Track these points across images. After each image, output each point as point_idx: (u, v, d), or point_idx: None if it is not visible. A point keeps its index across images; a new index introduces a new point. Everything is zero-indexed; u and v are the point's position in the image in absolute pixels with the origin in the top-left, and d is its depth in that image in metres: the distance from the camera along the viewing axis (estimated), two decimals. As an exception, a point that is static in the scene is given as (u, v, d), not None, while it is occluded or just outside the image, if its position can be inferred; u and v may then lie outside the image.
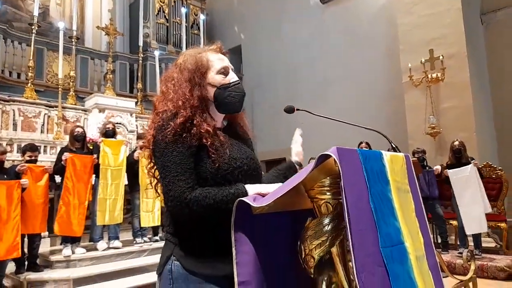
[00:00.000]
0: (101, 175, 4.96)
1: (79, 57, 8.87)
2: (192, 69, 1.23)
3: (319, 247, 0.97)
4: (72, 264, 4.56)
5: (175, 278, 1.13)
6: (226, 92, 1.24)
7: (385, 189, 0.96)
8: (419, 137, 6.59)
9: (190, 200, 1.07)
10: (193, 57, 1.27)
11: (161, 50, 9.78)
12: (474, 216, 4.98)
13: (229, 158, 1.17)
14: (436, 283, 1.01)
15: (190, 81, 1.22)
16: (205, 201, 1.07)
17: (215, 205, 1.07)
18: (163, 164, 1.12)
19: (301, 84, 9.32)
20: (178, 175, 1.09)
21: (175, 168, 1.10)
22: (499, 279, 4.63)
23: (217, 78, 1.25)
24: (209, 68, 1.25)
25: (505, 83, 6.97)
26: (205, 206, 1.07)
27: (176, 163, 1.10)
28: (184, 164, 1.10)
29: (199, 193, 1.08)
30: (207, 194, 1.08)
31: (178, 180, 1.09)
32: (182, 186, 1.08)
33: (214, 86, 1.24)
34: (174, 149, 1.11)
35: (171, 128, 1.12)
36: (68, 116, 6.78)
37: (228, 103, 1.25)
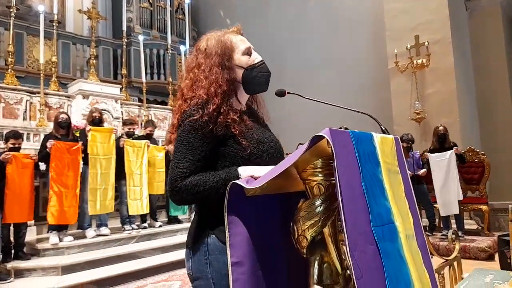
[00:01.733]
0: (91, 164, 4.90)
1: (61, 42, 8.64)
2: (220, 53, 1.25)
3: (311, 228, 0.99)
4: (60, 252, 4.53)
5: (211, 250, 1.14)
6: (254, 73, 1.27)
7: (376, 170, 0.98)
8: (404, 123, 6.67)
9: (180, 188, 1.10)
10: (218, 40, 1.28)
11: (145, 35, 9.59)
12: (448, 199, 5.19)
13: (257, 142, 1.20)
14: (424, 261, 1.04)
15: (220, 65, 1.24)
16: (195, 189, 1.09)
17: (205, 192, 1.09)
18: (174, 150, 1.18)
19: (286, 69, 9.28)
20: (179, 162, 1.13)
21: (179, 155, 1.14)
22: (480, 259, 4.80)
23: (243, 59, 1.27)
24: (233, 50, 1.27)
25: (488, 69, 7.07)
26: (195, 194, 1.10)
27: (181, 152, 1.14)
28: (189, 154, 1.13)
29: (189, 181, 1.10)
30: (198, 181, 1.10)
31: (176, 167, 1.13)
32: (177, 174, 1.12)
33: (241, 67, 1.27)
34: (186, 138, 1.15)
35: (199, 116, 1.15)
36: (51, 103, 6.63)
37: (256, 83, 1.27)
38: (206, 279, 1.15)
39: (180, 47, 9.05)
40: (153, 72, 9.87)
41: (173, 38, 9.73)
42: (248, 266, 1.02)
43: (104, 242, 4.92)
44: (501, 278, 1.67)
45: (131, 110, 7.71)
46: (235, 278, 0.99)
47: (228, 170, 1.13)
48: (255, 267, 1.04)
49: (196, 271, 1.18)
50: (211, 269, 1.14)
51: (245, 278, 1.00)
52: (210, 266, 1.14)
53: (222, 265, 1.10)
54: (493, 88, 6.99)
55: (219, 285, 1.12)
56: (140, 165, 5.38)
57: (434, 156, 5.39)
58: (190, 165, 1.12)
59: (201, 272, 1.16)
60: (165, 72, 9.86)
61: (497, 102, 6.95)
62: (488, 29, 7.14)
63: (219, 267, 1.12)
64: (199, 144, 1.14)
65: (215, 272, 1.13)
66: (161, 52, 9.95)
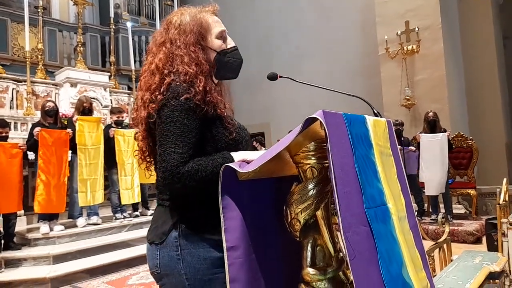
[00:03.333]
0: (79, 155, 4.84)
1: (46, 29, 8.46)
2: (196, 31, 1.17)
3: (304, 211, 0.99)
4: (51, 241, 4.51)
5: (183, 245, 1.09)
6: (226, 58, 1.21)
7: (369, 152, 0.98)
8: (394, 109, 6.71)
9: (183, 174, 1.02)
10: (193, 17, 1.20)
11: (133, 22, 9.43)
12: (436, 180, 5.26)
13: (238, 127, 1.18)
14: (416, 242, 1.06)
15: (198, 44, 1.17)
16: (198, 174, 1.03)
17: (207, 177, 1.03)
18: (163, 132, 1.06)
19: (274, 55, 9.24)
20: (176, 147, 1.04)
21: (175, 139, 1.04)
22: (468, 243, 4.90)
23: (216, 43, 1.20)
24: (208, 31, 1.20)
25: (477, 55, 7.12)
26: (198, 180, 1.03)
27: (176, 135, 1.05)
28: (185, 137, 1.05)
29: (191, 166, 1.03)
30: (199, 167, 1.03)
31: (174, 152, 1.04)
32: (177, 159, 1.03)
33: (214, 50, 1.20)
34: (180, 119, 1.06)
35: (194, 93, 1.08)
36: (38, 91, 6.51)
37: (227, 69, 1.22)
38: (178, 275, 1.08)
39: (169, 34, 8.90)
40: (142, 60, 9.72)
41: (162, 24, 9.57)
42: (243, 250, 1.01)
43: (95, 231, 4.91)
44: (490, 259, 1.70)
45: (120, 98, 7.63)
46: (230, 263, 0.99)
47: (222, 155, 1.08)
48: (249, 251, 1.04)
49: (165, 268, 1.10)
50: (184, 265, 1.07)
51: (240, 262, 1.00)
52: (183, 262, 1.08)
53: (196, 259, 1.07)
54: (482, 73, 7.06)
55: (193, 280, 1.07)
56: (131, 154, 5.34)
57: (426, 136, 5.46)
58: (189, 149, 1.05)
59: (172, 269, 1.09)
60: (154, 60, 9.72)
61: (485, 87, 7.02)
62: (477, 15, 7.17)
63: (193, 262, 1.07)
64: (193, 126, 1.07)
65: (189, 267, 1.07)
66: (150, 39, 9.78)
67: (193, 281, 1.07)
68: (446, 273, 1.55)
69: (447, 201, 5.47)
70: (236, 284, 0.98)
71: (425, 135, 5.47)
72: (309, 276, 0.99)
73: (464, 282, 1.39)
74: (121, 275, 4.16)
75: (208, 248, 1.08)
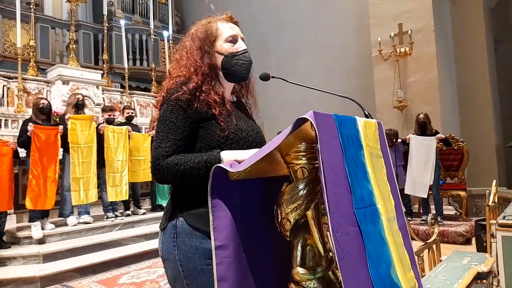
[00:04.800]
0: (71, 153, 4.80)
1: (39, 25, 8.38)
2: (202, 37, 1.30)
3: (294, 211, 0.99)
4: (41, 240, 4.46)
5: (179, 233, 1.18)
6: (234, 60, 1.29)
7: (359, 153, 0.99)
8: (387, 111, 6.75)
9: (162, 167, 1.13)
10: (203, 26, 1.32)
11: (127, 19, 9.37)
12: (421, 182, 5.30)
13: (235, 127, 1.23)
14: (405, 242, 1.07)
15: (201, 49, 1.28)
16: (175, 167, 1.12)
17: (185, 172, 1.12)
18: (156, 129, 1.21)
19: (270, 55, 9.24)
20: (161, 141, 1.16)
21: (162, 135, 1.17)
22: (458, 244, 4.95)
23: (225, 47, 1.30)
24: (217, 36, 1.30)
25: (468, 58, 7.19)
26: (175, 173, 1.13)
27: (164, 131, 1.17)
28: (170, 134, 1.16)
29: (171, 160, 1.13)
30: (179, 161, 1.13)
31: (159, 146, 1.16)
32: (160, 153, 1.15)
33: (222, 54, 1.29)
34: (169, 117, 1.17)
35: (183, 92, 1.19)
36: (30, 88, 6.45)
37: (235, 70, 1.29)
38: (174, 261, 1.18)
39: (163, 33, 8.88)
40: (135, 58, 9.69)
41: (155, 23, 9.53)
42: (232, 250, 1.02)
43: (86, 230, 4.88)
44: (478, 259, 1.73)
45: (113, 96, 7.58)
46: (218, 262, 0.99)
47: (210, 153, 1.15)
48: (238, 250, 1.04)
49: (165, 253, 1.21)
50: (178, 251, 1.17)
51: (228, 262, 1.01)
52: (177, 248, 1.17)
53: (188, 248, 1.16)
54: (473, 76, 7.13)
55: (186, 266, 1.16)
56: (121, 151, 5.31)
57: (415, 138, 5.49)
58: (172, 144, 1.15)
59: (169, 253, 1.19)
60: (148, 58, 9.69)
61: (477, 90, 7.09)
62: (469, 19, 7.24)
63: (185, 250, 1.16)
64: (181, 124, 1.17)
65: (182, 255, 1.16)
66: (144, 37, 9.76)
67: (186, 268, 1.16)
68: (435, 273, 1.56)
69: (437, 202, 5.52)
70: (224, 283, 0.99)
71: (415, 137, 5.51)
72: (299, 276, 1.00)
73: (452, 282, 1.41)
74: (112, 274, 4.13)
75: (201, 239, 1.15)
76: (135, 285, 3.75)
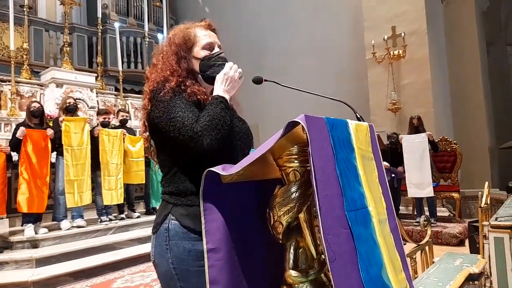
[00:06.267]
0: (65, 155, 4.78)
1: (32, 28, 8.33)
2: (178, 43, 1.31)
3: (287, 214, 0.99)
4: (34, 244, 4.42)
5: (172, 236, 1.17)
6: (210, 62, 1.31)
7: (350, 156, 0.99)
8: (381, 113, 6.79)
9: (202, 128, 1.11)
10: (181, 31, 1.34)
11: (121, 22, 9.35)
12: (422, 181, 5.32)
13: None
14: (396, 244, 1.07)
15: (176, 54, 1.30)
16: (213, 122, 1.12)
17: (219, 122, 1.13)
18: (169, 115, 1.16)
19: (264, 58, 9.26)
20: (183, 119, 1.14)
21: (181, 109, 1.15)
22: (451, 245, 4.98)
23: (201, 53, 1.32)
24: (195, 43, 1.32)
25: (461, 60, 7.26)
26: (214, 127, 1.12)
27: (181, 107, 1.16)
28: (184, 110, 1.16)
29: (202, 119, 1.13)
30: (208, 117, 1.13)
31: (185, 118, 1.14)
32: (189, 124, 1.13)
33: (198, 59, 1.31)
34: (176, 102, 1.17)
35: (168, 89, 1.20)
36: (23, 91, 6.41)
37: (213, 72, 1.29)
38: (167, 264, 1.17)
39: (158, 35, 8.87)
40: (130, 61, 9.65)
41: (150, 26, 9.52)
42: (224, 253, 1.02)
43: (80, 234, 4.84)
44: (470, 261, 1.74)
45: (107, 99, 7.55)
46: (210, 264, 0.99)
47: (215, 100, 1.19)
48: (231, 253, 1.04)
49: (158, 257, 1.20)
50: (171, 254, 1.16)
51: (221, 264, 1.01)
52: (170, 251, 1.16)
53: (182, 250, 1.15)
54: (466, 79, 7.20)
55: (179, 269, 1.15)
56: (116, 154, 5.29)
57: (407, 138, 5.53)
58: (194, 114, 1.15)
59: (162, 257, 1.18)
60: (143, 61, 9.66)
61: (469, 92, 7.16)
62: (462, 22, 7.31)
63: (179, 253, 1.15)
64: (186, 102, 1.19)
65: (175, 257, 1.16)
66: (138, 40, 9.73)
67: (180, 271, 1.15)
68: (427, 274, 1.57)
69: (431, 204, 5.55)
70: (216, 286, 0.99)
71: (406, 137, 5.56)
72: (291, 278, 1.00)
73: (444, 284, 1.41)
74: (105, 279, 4.11)
75: (193, 241, 1.14)
76: (129, 289, 3.73)
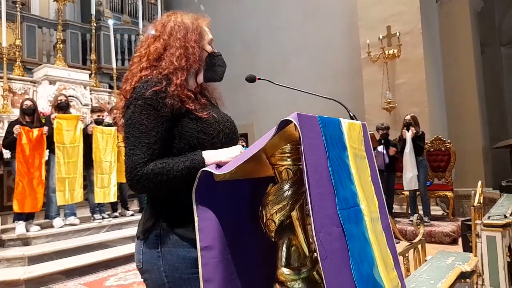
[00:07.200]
0: (57, 153, 4.75)
1: (25, 25, 8.26)
2: (195, 29, 1.25)
3: (279, 212, 0.99)
4: (26, 242, 4.39)
5: (164, 243, 1.11)
6: (214, 60, 1.29)
7: (343, 154, 0.99)
8: (375, 112, 6.81)
9: (141, 177, 1.04)
10: (194, 20, 1.27)
11: (115, 19, 9.30)
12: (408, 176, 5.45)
13: (213, 120, 1.18)
14: (388, 242, 1.08)
15: (197, 41, 1.24)
16: (157, 178, 1.03)
17: (169, 182, 1.04)
18: (125, 135, 1.11)
19: (259, 57, 9.26)
20: (135, 148, 1.06)
21: (133, 140, 1.07)
22: (444, 244, 5.02)
23: (208, 47, 1.29)
24: (204, 35, 1.29)
25: (456, 61, 7.30)
26: (157, 183, 1.04)
27: (135, 136, 1.07)
28: (143, 137, 1.06)
29: (151, 168, 1.04)
30: (160, 170, 1.04)
31: (133, 154, 1.06)
32: (135, 161, 1.05)
33: (206, 51, 1.28)
34: (138, 120, 1.07)
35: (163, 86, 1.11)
36: (15, 88, 6.35)
37: (214, 70, 1.29)
38: (158, 272, 1.10)
39: (152, 33, 8.80)
40: (124, 58, 9.60)
41: (145, 23, 9.43)
42: (218, 251, 1.02)
43: (73, 232, 4.82)
44: (462, 259, 1.75)
45: (100, 97, 7.50)
46: (204, 263, 0.99)
47: (192, 157, 1.07)
48: (224, 251, 1.04)
49: (147, 264, 1.13)
50: (163, 262, 1.10)
51: (214, 263, 1.00)
52: (162, 260, 1.10)
53: (175, 258, 1.09)
54: (460, 78, 7.24)
55: (171, 278, 1.09)
56: (110, 152, 5.26)
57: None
58: (147, 149, 1.06)
59: (153, 265, 1.11)
60: (137, 59, 9.60)
61: (464, 92, 7.20)
62: (456, 22, 7.35)
63: (172, 260, 1.09)
64: (153, 125, 1.08)
65: (168, 265, 1.09)
66: (133, 37, 9.69)
67: (172, 279, 1.09)
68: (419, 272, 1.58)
69: (425, 203, 5.59)
70: (210, 284, 0.98)
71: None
72: (284, 276, 1.00)
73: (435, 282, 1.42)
74: (98, 277, 4.09)
75: (188, 248, 1.09)
76: (122, 287, 3.72)
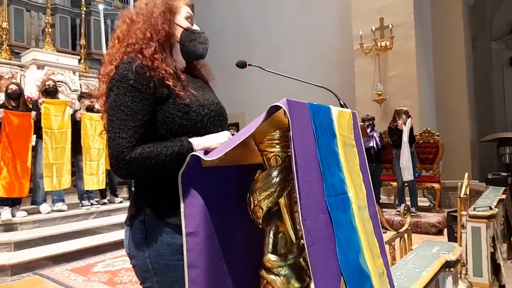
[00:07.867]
0: (44, 138, 4.68)
1: (12, 7, 8.05)
2: (164, 4, 1.20)
3: (267, 198, 0.99)
4: (12, 228, 4.35)
5: (149, 229, 1.09)
6: (192, 36, 1.23)
7: (332, 142, 0.99)
8: (366, 104, 6.84)
9: (129, 161, 1.01)
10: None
11: (106, 4, 9.11)
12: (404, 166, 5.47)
13: (196, 104, 1.14)
14: (375, 230, 1.08)
15: (162, 13, 1.18)
16: (146, 162, 1.01)
17: (157, 166, 1.02)
18: (108, 117, 1.07)
19: (252, 47, 9.21)
20: (120, 131, 1.02)
21: (119, 123, 1.03)
22: (430, 234, 5.10)
23: (184, 22, 1.24)
24: (177, 10, 1.23)
25: (447, 54, 7.33)
26: (146, 168, 1.02)
27: (120, 119, 1.03)
28: (129, 120, 1.03)
29: (139, 153, 1.01)
30: (149, 154, 1.01)
31: (118, 137, 1.02)
32: (122, 144, 1.01)
33: (181, 27, 1.23)
34: (123, 102, 1.04)
35: (140, 60, 1.08)
36: (2, 72, 6.23)
37: (193, 45, 1.23)
38: (143, 258, 1.10)
39: (144, 19, 8.67)
40: (114, 44, 9.45)
41: (136, 9, 9.32)
42: (203, 236, 1.01)
43: (61, 218, 4.79)
44: (447, 248, 1.78)
45: (90, 82, 7.40)
46: (189, 248, 0.99)
47: (180, 143, 1.05)
48: (211, 237, 1.03)
49: (133, 250, 1.13)
50: (148, 249, 1.09)
51: (199, 248, 1.00)
52: (147, 246, 1.09)
53: (159, 244, 1.08)
54: (451, 72, 7.28)
55: (156, 263, 1.09)
56: (99, 139, 5.20)
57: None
58: (134, 133, 1.03)
59: (138, 251, 1.11)
60: (128, 45, 9.47)
61: (454, 86, 7.25)
62: (448, 15, 7.36)
63: (156, 247, 1.08)
64: (138, 108, 1.05)
65: (152, 251, 1.08)
66: (122, 23, 9.53)
67: (157, 265, 1.09)
68: (405, 261, 1.60)
69: (413, 194, 5.66)
70: (194, 270, 0.98)
71: None
72: (270, 263, 1.00)
73: (420, 270, 1.44)
74: (86, 263, 4.08)
75: (173, 234, 1.08)
76: (110, 273, 3.71)
